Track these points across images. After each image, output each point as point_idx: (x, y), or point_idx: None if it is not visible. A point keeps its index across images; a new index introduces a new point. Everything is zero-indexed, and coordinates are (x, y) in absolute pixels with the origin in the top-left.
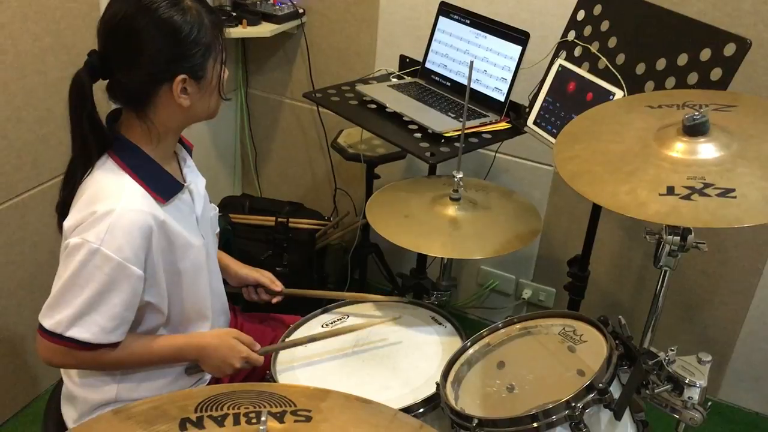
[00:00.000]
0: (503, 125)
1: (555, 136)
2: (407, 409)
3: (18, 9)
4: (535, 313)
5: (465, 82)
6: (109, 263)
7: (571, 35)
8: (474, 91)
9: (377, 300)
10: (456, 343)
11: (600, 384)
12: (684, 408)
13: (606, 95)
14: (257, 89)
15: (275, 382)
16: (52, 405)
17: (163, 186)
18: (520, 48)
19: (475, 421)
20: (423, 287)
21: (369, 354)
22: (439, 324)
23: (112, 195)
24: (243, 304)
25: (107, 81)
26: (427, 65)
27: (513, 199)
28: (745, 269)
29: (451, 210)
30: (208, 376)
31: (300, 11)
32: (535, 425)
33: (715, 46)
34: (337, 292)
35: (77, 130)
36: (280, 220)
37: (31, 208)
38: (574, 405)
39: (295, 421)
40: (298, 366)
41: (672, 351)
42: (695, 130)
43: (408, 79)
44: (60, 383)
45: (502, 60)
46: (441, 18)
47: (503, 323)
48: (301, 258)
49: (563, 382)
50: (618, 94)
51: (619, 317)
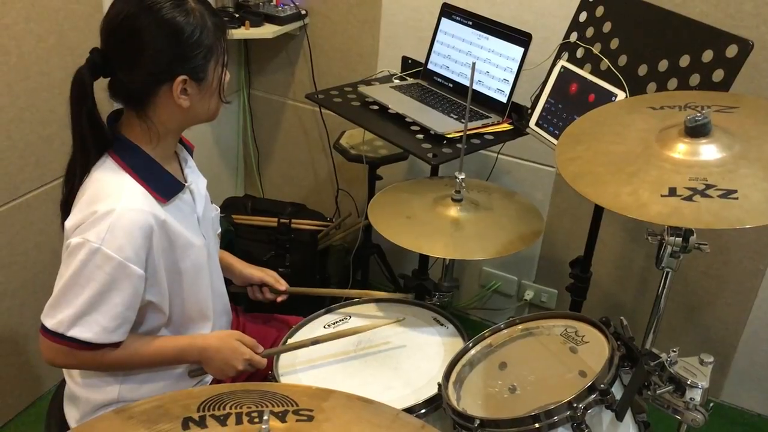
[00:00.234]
0: (505, 126)
1: (557, 137)
2: (409, 410)
3: (21, 10)
4: (537, 314)
5: (467, 83)
6: (110, 263)
7: (574, 37)
8: (476, 93)
9: (380, 297)
10: (458, 344)
11: (602, 385)
12: (686, 409)
13: (608, 96)
14: (260, 90)
15: (277, 382)
16: (54, 405)
17: (164, 186)
18: (522, 49)
19: (477, 422)
20: (425, 288)
21: (371, 355)
22: (441, 325)
23: (112, 194)
24: (245, 304)
25: (108, 79)
26: (430, 66)
27: (515, 200)
28: (747, 270)
29: (453, 211)
30: (209, 377)
31: (302, 12)
32: (537, 426)
33: (717, 47)
34: (342, 290)
35: (77, 127)
36: (282, 221)
37: (35, 208)
38: (575, 406)
39: (297, 421)
40: (300, 367)
41: (674, 352)
42: (697, 131)
43: (410, 81)
44: (63, 383)
45: (504, 61)
46: (443, 19)
47: (505, 324)
48: (304, 259)
49: (565, 382)
50: (620, 95)
51: (621, 318)
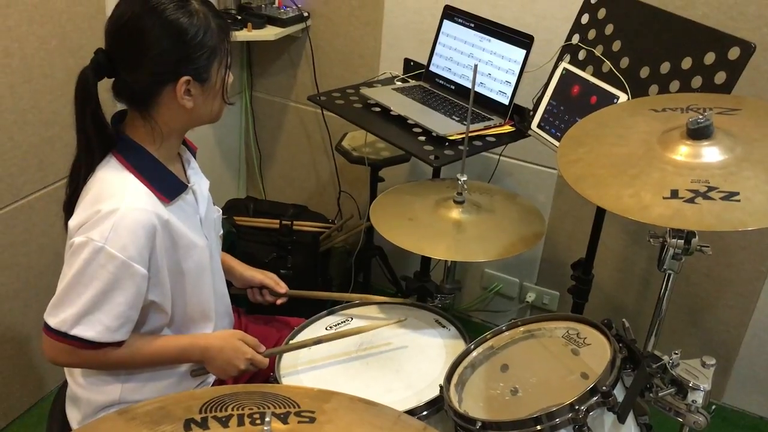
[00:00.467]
0: (507, 128)
1: (559, 139)
2: (411, 412)
3: (24, 12)
4: (539, 316)
5: (469, 85)
6: (114, 262)
7: (576, 39)
8: (478, 95)
9: (381, 301)
10: (460, 346)
11: (604, 387)
12: (688, 411)
13: (610, 99)
14: (262, 92)
15: (279, 383)
16: (56, 407)
17: (167, 186)
18: (524, 51)
19: (479, 424)
20: (427, 290)
21: (373, 357)
22: (443, 327)
23: (116, 194)
24: (247, 306)
25: (113, 80)
26: (432, 68)
27: (517, 202)
28: (750, 273)
29: (455, 213)
30: (211, 378)
31: (305, 15)
32: (539, 428)
33: (720, 49)
34: (342, 293)
35: (81, 127)
36: (284, 222)
37: (37, 210)
38: (577, 408)
39: (299, 422)
40: (301, 368)
41: (676, 354)
42: (699, 133)
43: (412, 83)
44: (65, 385)
45: (506, 63)
46: (445, 21)
47: (507, 326)
48: (305, 261)
49: (567, 385)
50: (622, 97)
51: (623, 320)
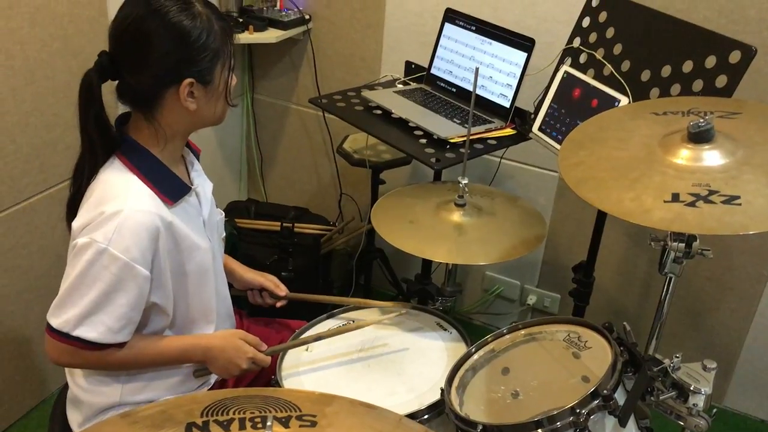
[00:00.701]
0: (508, 131)
1: (560, 142)
2: (412, 415)
3: (26, 15)
4: (540, 319)
5: (470, 88)
6: (116, 263)
7: (577, 42)
8: (479, 97)
9: (381, 306)
10: (461, 349)
11: (605, 390)
12: (689, 415)
13: (611, 102)
14: (263, 95)
15: (280, 387)
16: (57, 409)
17: (171, 187)
18: (525, 54)
19: (480, 427)
20: (428, 293)
21: (374, 359)
22: (444, 330)
23: (120, 195)
24: (248, 308)
25: (116, 83)
26: (433, 71)
27: (518, 205)
28: (751, 276)
29: (456, 216)
30: (212, 379)
31: (306, 17)
32: (540, 431)
33: (721, 53)
34: (342, 297)
35: (85, 129)
36: (285, 225)
37: (39, 212)
38: (578, 411)
39: (301, 426)
40: (303, 371)
41: (677, 358)
42: (700, 137)
43: (413, 85)
44: (66, 387)
45: (507, 66)
46: (446, 24)
47: (508, 329)
48: (307, 263)
49: (568, 388)
50: (623, 100)
51: (624, 323)
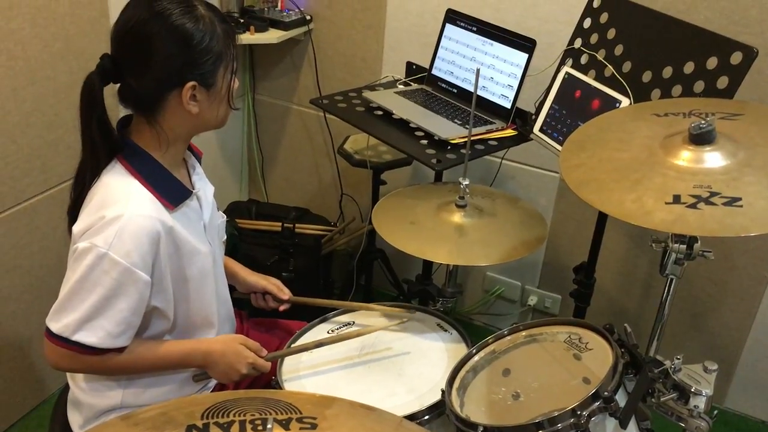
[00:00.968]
0: (509, 132)
1: (561, 143)
2: (413, 416)
3: (28, 15)
4: (541, 321)
5: (471, 89)
6: (117, 268)
7: (578, 43)
8: (480, 98)
9: (384, 311)
10: (461, 350)
11: (605, 392)
12: (690, 417)
13: (612, 103)
14: (264, 95)
15: (281, 388)
16: (58, 410)
17: (172, 192)
18: (526, 55)
19: (481, 429)
20: (428, 293)
21: (374, 361)
22: (445, 331)
23: (121, 200)
24: (249, 309)
25: (118, 85)
26: (434, 72)
27: (519, 206)
28: (752, 277)
29: (457, 217)
30: (212, 382)
31: (307, 18)
32: None
33: (722, 54)
34: (345, 301)
35: (87, 132)
36: (286, 225)
37: (40, 212)
38: (579, 413)
39: (301, 429)
40: (303, 372)
41: (678, 359)
42: (701, 138)
43: (414, 86)
44: (66, 388)
45: (508, 67)
46: (448, 25)
47: (509, 330)
48: (307, 263)
49: (569, 389)
50: (624, 101)
51: (625, 325)
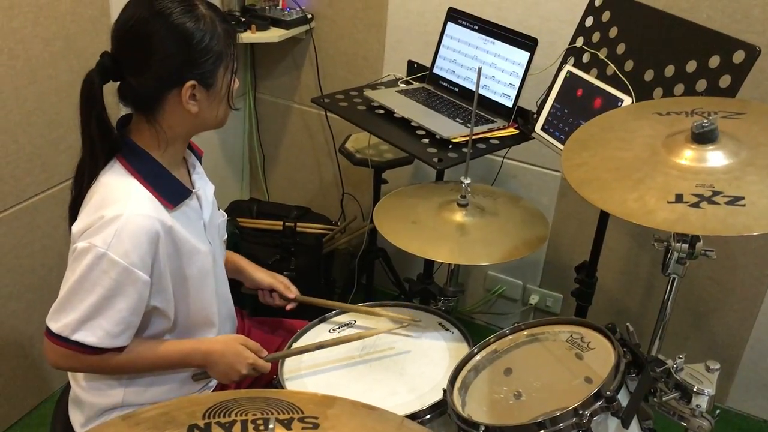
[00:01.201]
0: (511, 131)
1: (563, 142)
2: (414, 415)
3: (29, 14)
4: (543, 320)
5: (473, 87)
6: (116, 268)
7: (580, 41)
8: (482, 97)
9: (390, 316)
10: (463, 349)
11: (608, 392)
12: (692, 416)
13: (614, 102)
14: (266, 94)
15: (282, 388)
16: (59, 409)
17: (171, 191)
18: (528, 54)
19: (482, 428)
20: (430, 293)
21: (376, 360)
22: (446, 330)
23: (120, 200)
24: (251, 308)
25: (118, 84)
26: (435, 71)
27: (520, 205)
28: (754, 276)
29: (459, 216)
30: (214, 381)
31: (308, 16)
32: None
33: (724, 53)
34: (350, 304)
35: (86, 131)
36: (287, 224)
37: (41, 211)
38: (581, 413)
39: (303, 429)
40: (305, 371)
41: (680, 359)
42: (704, 137)
43: (416, 85)
44: (68, 387)
45: (510, 66)
46: (449, 24)
47: (510, 330)
48: (309, 262)
49: (571, 389)
50: (626, 100)
51: (627, 324)
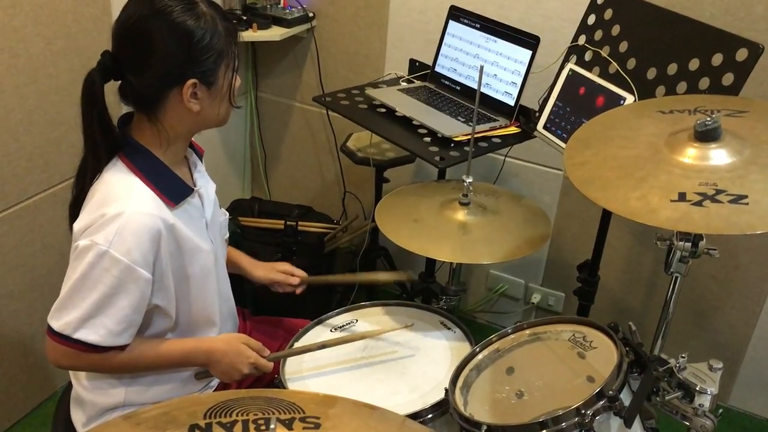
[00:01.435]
0: (513, 129)
1: (565, 140)
2: (416, 415)
3: (30, 13)
4: (545, 319)
5: (475, 86)
6: (117, 266)
7: (582, 39)
8: (484, 96)
9: (383, 279)
10: (465, 348)
11: (610, 391)
12: (695, 415)
13: (617, 100)
14: (267, 93)
15: (284, 388)
16: (61, 408)
17: (173, 189)
18: (530, 52)
19: (484, 428)
20: (432, 291)
21: (378, 359)
22: (448, 329)
23: (121, 198)
24: (253, 307)
25: (119, 83)
26: (437, 69)
27: (522, 204)
28: (756, 275)
29: (461, 214)
30: (215, 381)
31: (310, 15)
32: None
33: (727, 51)
34: (352, 275)
35: (88, 130)
36: (289, 223)
37: (42, 210)
38: (583, 412)
39: (304, 429)
40: (306, 371)
41: (683, 358)
42: (707, 135)
43: (418, 83)
44: (70, 386)
45: (512, 64)
46: (451, 22)
47: (512, 329)
48: (310, 261)
49: (573, 388)
50: (629, 99)
51: (630, 324)
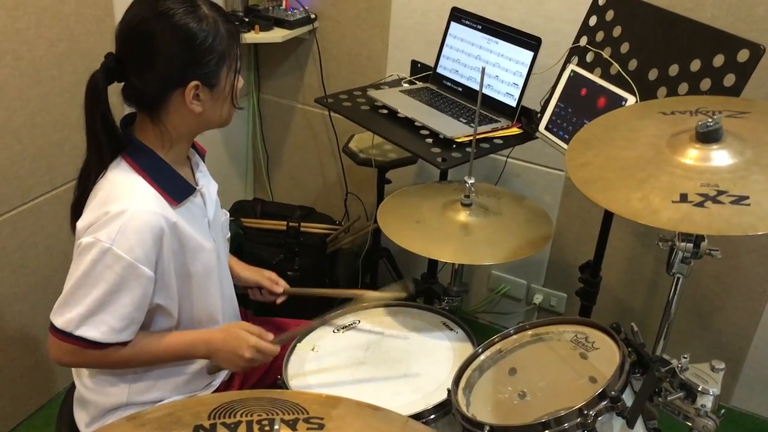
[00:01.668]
0: (515, 131)
1: (567, 141)
2: (419, 415)
3: (33, 15)
4: (547, 320)
5: (477, 87)
6: (120, 263)
7: (583, 41)
8: (486, 97)
9: (376, 296)
10: (467, 349)
11: (612, 391)
12: (697, 416)
13: (618, 101)
14: (269, 94)
15: (287, 389)
16: (64, 408)
17: (176, 188)
18: (531, 53)
19: (487, 428)
20: (434, 292)
21: (380, 359)
22: (451, 329)
23: (124, 196)
24: (254, 308)
25: (122, 84)
26: (439, 70)
27: (524, 205)
28: (758, 275)
29: (463, 215)
30: (217, 380)
31: (312, 17)
32: None
33: (729, 52)
34: (341, 290)
35: (91, 130)
36: (291, 224)
37: (45, 212)
38: (586, 413)
39: (308, 429)
40: (309, 372)
41: (685, 358)
42: (708, 136)
43: (419, 85)
44: (73, 387)
45: (513, 65)
46: (452, 23)
47: (515, 329)
48: (313, 262)
49: (575, 389)
50: (630, 100)
51: (632, 324)
